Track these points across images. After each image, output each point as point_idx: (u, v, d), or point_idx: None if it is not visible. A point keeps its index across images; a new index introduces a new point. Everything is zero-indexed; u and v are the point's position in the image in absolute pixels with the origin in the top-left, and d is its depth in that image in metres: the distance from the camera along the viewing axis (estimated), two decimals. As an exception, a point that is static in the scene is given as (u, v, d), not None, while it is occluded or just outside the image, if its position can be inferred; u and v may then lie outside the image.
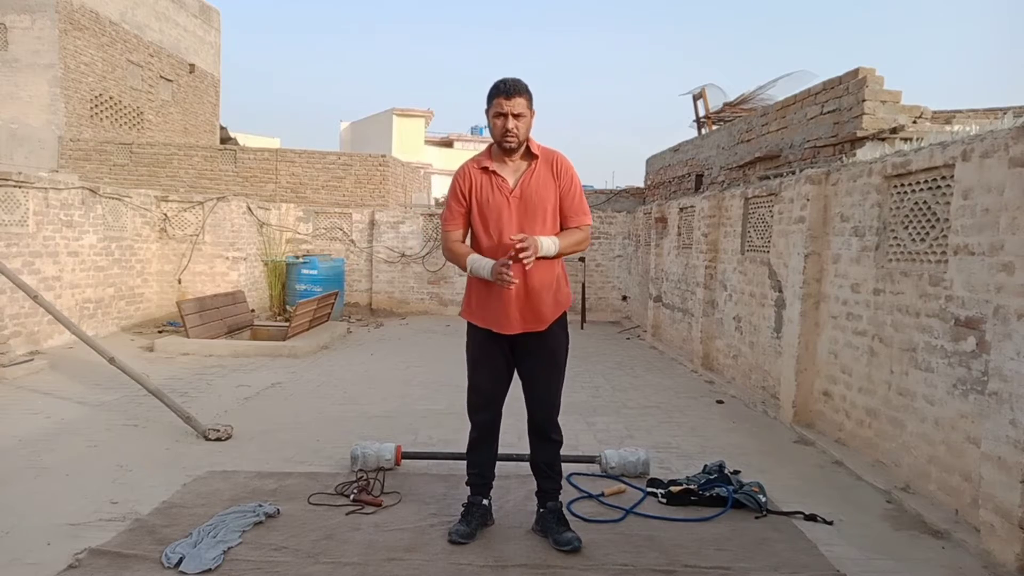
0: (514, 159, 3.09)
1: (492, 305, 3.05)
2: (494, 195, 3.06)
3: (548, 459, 3.23)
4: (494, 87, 3.00)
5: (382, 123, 31.35)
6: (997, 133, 3.34)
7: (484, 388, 3.20)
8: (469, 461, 3.31)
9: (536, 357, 3.14)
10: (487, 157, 3.12)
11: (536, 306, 3.05)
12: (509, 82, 2.99)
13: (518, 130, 2.99)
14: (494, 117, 3.00)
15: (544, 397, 3.17)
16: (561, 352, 3.19)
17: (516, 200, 3.04)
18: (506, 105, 2.95)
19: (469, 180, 3.12)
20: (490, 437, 3.28)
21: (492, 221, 3.05)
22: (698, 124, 12.50)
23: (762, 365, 6.17)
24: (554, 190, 3.08)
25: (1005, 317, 3.06)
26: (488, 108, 3.03)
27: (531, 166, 3.08)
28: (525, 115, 3.00)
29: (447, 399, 5.99)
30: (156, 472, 3.94)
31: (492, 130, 3.04)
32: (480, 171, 3.11)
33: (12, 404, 5.32)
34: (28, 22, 15.35)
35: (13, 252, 7.02)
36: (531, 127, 3.06)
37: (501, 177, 3.07)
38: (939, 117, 6.72)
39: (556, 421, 3.23)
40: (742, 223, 6.78)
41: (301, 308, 8.74)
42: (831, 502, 3.73)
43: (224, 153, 16.44)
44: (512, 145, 3.02)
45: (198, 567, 2.79)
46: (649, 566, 2.95)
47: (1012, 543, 2.93)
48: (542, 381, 3.16)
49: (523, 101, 2.99)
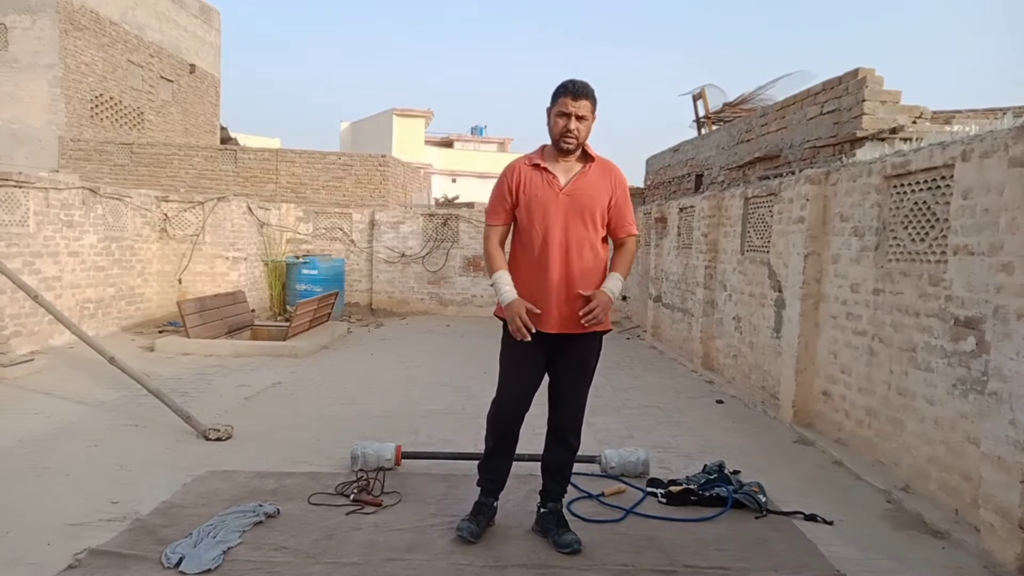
0: (569, 160, 3.06)
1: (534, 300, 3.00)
2: (543, 190, 3.03)
3: (561, 463, 3.21)
4: (562, 86, 2.99)
5: (382, 123, 31.36)
6: (997, 133, 3.34)
7: (514, 397, 3.12)
8: (484, 466, 3.26)
9: (568, 360, 3.10)
10: (539, 156, 3.10)
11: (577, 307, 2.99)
12: (578, 83, 2.98)
13: (579, 132, 2.97)
14: (557, 116, 2.98)
15: (571, 403, 3.14)
16: (593, 359, 3.15)
17: (566, 198, 3.01)
18: (572, 106, 2.94)
19: (518, 176, 3.09)
20: (509, 448, 3.22)
21: (538, 216, 3.02)
22: (698, 124, 12.50)
23: (762, 365, 6.17)
24: (606, 196, 3.06)
25: (1005, 317, 3.06)
26: (552, 106, 3.02)
27: (586, 167, 3.06)
28: (588, 118, 2.99)
29: (447, 399, 5.99)
30: (156, 472, 3.94)
31: (552, 128, 3.02)
32: (531, 168, 3.08)
33: (12, 404, 5.32)
34: (28, 22, 15.36)
35: (13, 252, 7.02)
36: (591, 131, 3.04)
37: (552, 174, 3.04)
38: (939, 117, 6.72)
39: (579, 428, 3.20)
40: (742, 223, 6.78)
41: (301, 308, 8.75)
42: (831, 502, 3.73)
43: (224, 153, 16.44)
44: (571, 146, 3.00)
45: (198, 567, 2.79)
46: (649, 566, 2.95)
47: (1012, 543, 2.93)
48: (571, 386, 3.13)
49: (588, 104, 2.98)
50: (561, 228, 2.99)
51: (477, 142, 38.88)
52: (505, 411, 3.14)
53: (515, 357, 3.10)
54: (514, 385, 3.11)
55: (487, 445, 3.23)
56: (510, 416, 3.14)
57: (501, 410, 3.15)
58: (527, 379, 3.11)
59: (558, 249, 2.98)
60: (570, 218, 3.00)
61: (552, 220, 3.00)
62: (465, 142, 38.16)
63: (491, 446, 3.21)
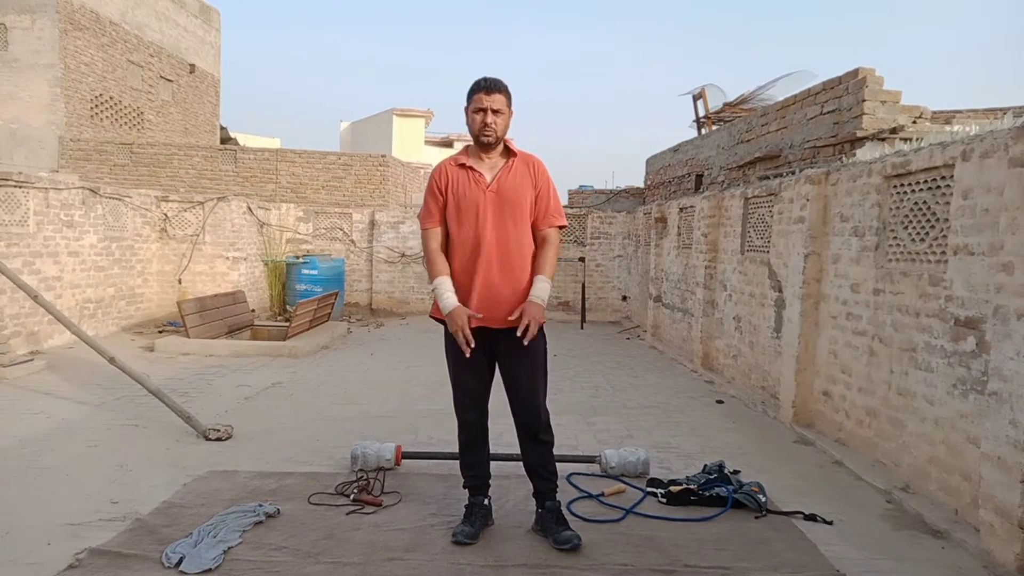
0: (491, 156, 3.13)
1: (466, 299, 3.06)
2: (471, 189, 3.09)
3: (540, 460, 3.21)
4: (475, 84, 3.08)
5: (382, 123, 31.36)
6: (997, 133, 3.34)
7: (469, 386, 3.19)
8: (463, 463, 3.30)
9: (514, 358, 3.11)
10: (464, 155, 3.17)
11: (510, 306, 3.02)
12: (490, 79, 3.07)
13: (496, 126, 3.04)
14: (473, 112, 3.06)
15: (526, 399, 3.14)
16: (539, 352, 3.15)
17: (493, 195, 3.07)
18: (486, 100, 3.02)
19: (446, 176, 3.15)
20: (481, 437, 3.28)
21: (469, 215, 3.07)
22: (698, 124, 12.50)
23: (762, 365, 6.17)
24: (530, 190, 3.12)
25: (1005, 317, 3.06)
26: (468, 104, 3.10)
27: (509, 163, 3.13)
28: (504, 112, 3.07)
29: (447, 399, 5.93)
30: (156, 472, 3.94)
31: (471, 125, 3.09)
32: (457, 167, 3.14)
33: (12, 404, 5.32)
34: (28, 22, 15.35)
35: (13, 252, 7.02)
36: (508, 125, 3.11)
37: (478, 172, 3.10)
38: (939, 117, 6.72)
39: (544, 421, 3.19)
40: (742, 223, 6.78)
41: (301, 308, 8.74)
42: (831, 502, 3.73)
43: (224, 153, 16.44)
44: (490, 140, 3.06)
45: (198, 567, 2.79)
46: (649, 566, 2.95)
47: (1012, 543, 2.93)
48: (523, 382, 3.13)
49: (502, 98, 3.06)
50: (492, 225, 3.05)
51: (477, 142, 38.80)
52: (463, 401, 3.22)
53: (457, 357, 3.11)
54: (463, 381, 3.18)
55: (460, 440, 3.28)
56: (470, 405, 3.20)
57: (460, 403, 3.23)
58: (475, 374, 3.16)
59: (490, 246, 3.03)
60: (499, 215, 3.06)
61: (482, 218, 3.05)
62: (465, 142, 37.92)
63: (464, 439, 3.27)
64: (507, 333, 3.04)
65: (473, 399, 3.21)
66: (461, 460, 3.32)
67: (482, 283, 3.04)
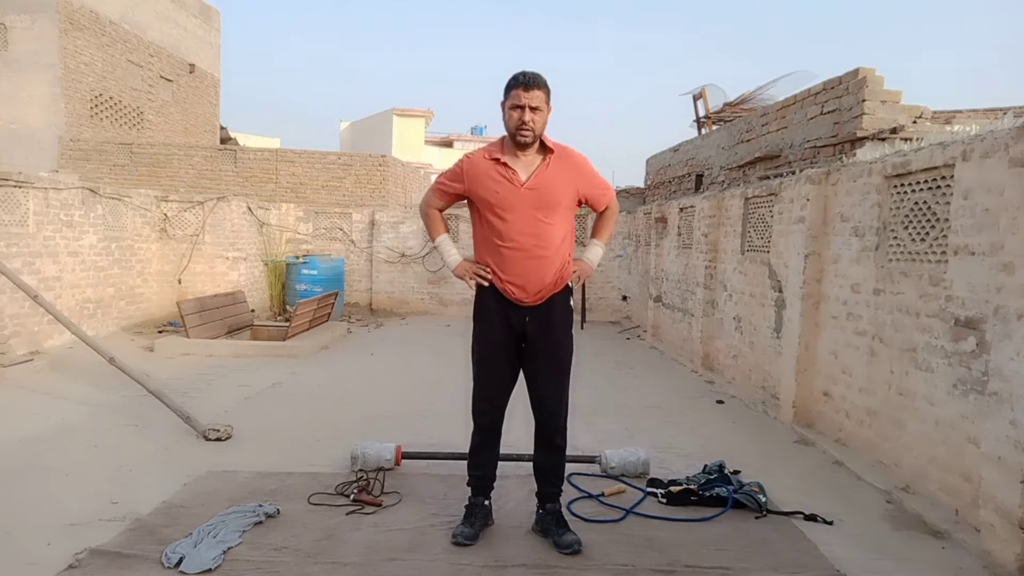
0: (527, 153, 3.02)
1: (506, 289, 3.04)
2: (504, 186, 2.99)
3: (550, 464, 3.22)
4: (513, 78, 2.94)
5: (382, 123, 31.33)
6: (997, 133, 3.34)
7: (488, 390, 3.16)
8: (471, 463, 3.28)
9: (541, 358, 3.11)
10: (499, 149, 3.05)
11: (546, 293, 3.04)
12: (529, 74, 2.92)
13: (534, 123, 2.92)
14: (511, 109, 2.94)
15: (549, 401, 3.13)
16: (566, 353, 3.15)
17: (529, 193, 2.98)
18: (524, 97, 2.89)
19: (474, 167, 3.07)
20: (493, 440, 3.25)
21: (503, 212, 2.99)
22: (698, 124, 12.51)
23: (762, 365, 6.17)
24: (570, 187, 3.05)
25: (1005, 317, 3.06)
26: (505, 99, 2.97)
27: (546, 160, 3.02)
28: (542, 109, 2.94)
29: (447, 399, 5.98)
30: (156, 472, 3.94)
31: (507, 122, 2.97)
32: (490, 161, 3.03)
33: (12, 404, 5.32)
34: (28, 22, 15.34)
35: (13, 252, 7.02)
36: (547, 122, 3.00)
37: (512, 170, 3.00)
38: (939, 117, 6.72)
39: (562, 427, 3.19)
40: (742, 223, 6.78)
41: (301, 308, 8.74)
42: (831, 502, 3.73)
43: (224, 153, 16.44)
44: (527, 139, 2.95)
45: (198, 567, 2.79)
46: (649, 566, 2.95)
47: (1012, 543, 2.93)
48: (547, 383, 3.12)
49: (541, 95, 2.93)
50: (526, 222, 2.98)
51: (477, 142, 38.83)
52: (480, 405, 3.19)
53: (488, 349, 3.13)
54: (487, 376, 3.16)
55: (472, 441, 3.26)
56: (488, 408, 3.18)
57: (478, 404, 3.20)
58: (500, 369, 3.13)
59: (523, 243, 2.98)
60: (534, 212, 2.99)
61: (516, 215, 2.98)
62: (465, 142, 38.13)
63: (477, 440, 3.25)
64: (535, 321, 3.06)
65: (492, 403, 3.17)
66: (470, 460, 3.29)
67: (515, 277, 3.00)
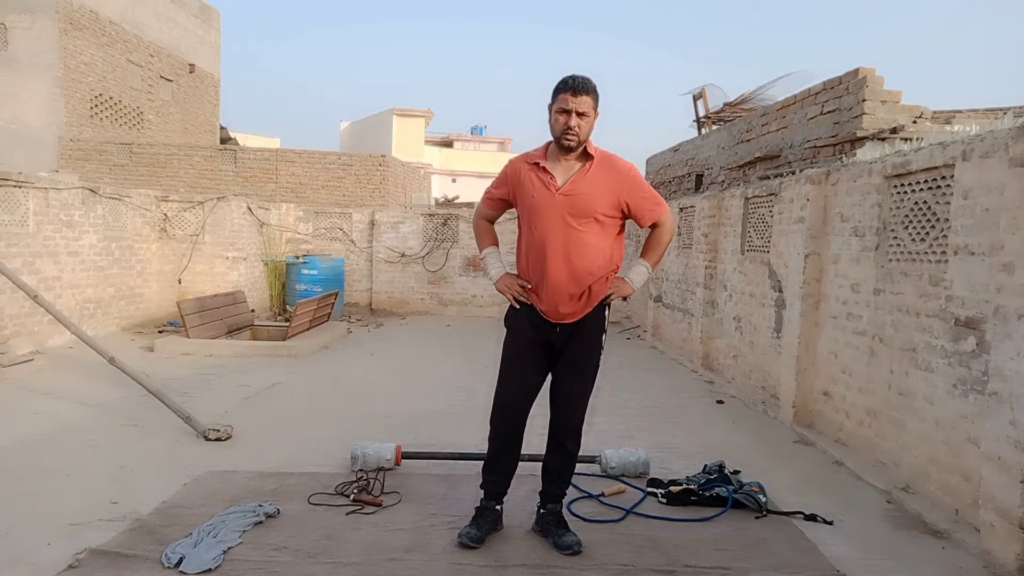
0: (569, 159, 2.99)
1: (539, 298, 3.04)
2: (540, 191, 2.97)
3: (559, 466, 3.21)
4: (562, 82, 2.91)
5: (382, 123, 31.31)
6: (997, 133, 3.34)
7: (512, 397, 3.12)
8: (488, 469, 3.24)
9: (568, 362, 3.10)
10: (542, 154, 3.04)
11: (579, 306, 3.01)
12: (579, 79, 2.89)
13: (580, 129, 2.89)
14: (557, 112, 2.91)
15: (567, 405, 3.12)
16: (593, 360, 3.13)
17: (563, 199, 2.94)
18: (572, 102, 2.86)
19: (516, 174, 3.08)
20: (513, 448, 3.21)
21: (536, 217, 2.97)
22: (698, 124, 12.50)
23: (762, 365, 6.17)
24: (610, 194, 2.96)
25: (1005, 317, 3.06)
26: (552, 103, 2.95)
27: (585, 166, 2.98)
28: (589, 115, 2.91)
29: (447, 399, 5.99)
30: (156, 472, 3.94)
31: (553, 125, 2.95)
32: (530, 167, 3.03)
33: (12, 404, 5.32)
34: (28, 22, 15.34)
35: (13, 252, 7.01)
36: (593, 128, 2.97)
37: (550, 174, 2.98)
38: (939, 117, 6.72)
39: (576, 431, 3.17)
40: (742, 223, 6.78)
41: (301, 308, 8.74)
42: (831, 502, 3.73)
43: (224, 153, 16.44)
44: (572, 144, 2.92)
45: (198, 567, 2.79)
46: (649, 566, 2.95)
47: (1012, 543, 2.93)
48: (568, 387, 3.11)
49: (590, 100, 2.90)
50: (559, 229, 2.94)
51: (477, 142, 38.85)
52: (503, 413, 3.14)
53: (516, 356, 3.11)
54: (512, 384, 3.11)
55: (490, 447, 3.21)
56: (509, 416, 3.14)
57: (499, 412, 3.16)
58: (526, 379, 3.10)
59: (557, 249, 2.94)
60: (568, 219, 2.94)
61: (549, 222, 2.95)
62: (465, 142, 38.13)
63: (494, 448, 3.20)
64: (567, 333, 3.05)
65: (514, 410, 3.13)
66: (486, 466, 3.25)
67: (549, 284, 2.96)
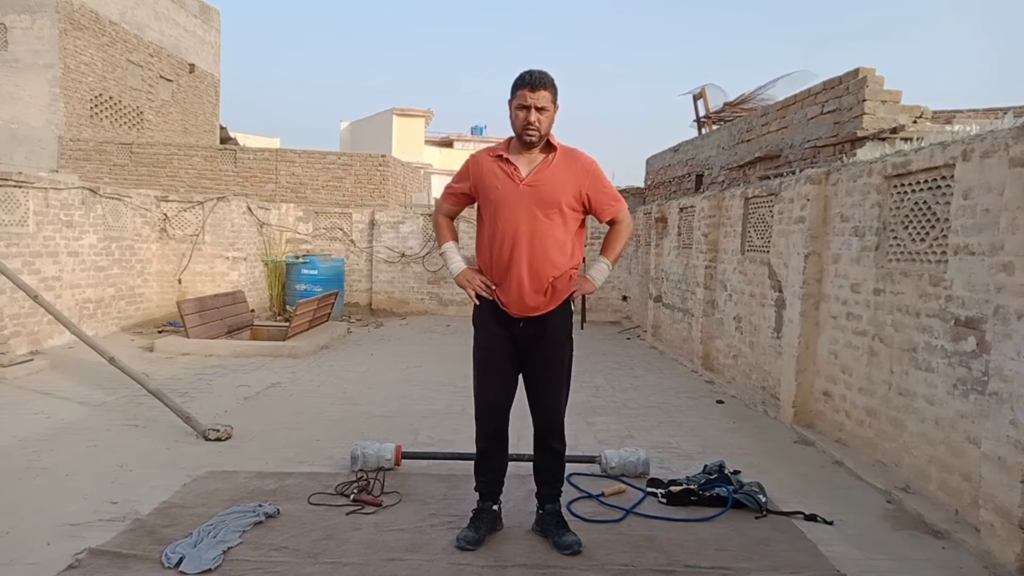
0: (532, 152, 3.02)
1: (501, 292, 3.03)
2: (504, 182, 2.98)
3: (549, 467, 3.22)
4: (519, 78, 2.92)
5: (382, 123, 31.32)
6: (997, 133, 3.34)
7: (491, 395, 3.14)
8: (478, 469, 3.25)
9: (538, 364, 3.10)
10: (504, 148, 3.06)
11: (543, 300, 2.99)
12: (535, 74, 2.90)
13: (540, 124, 2.90)
14: (516, 108, 2.92)
15: (547, 406, 3.13)
16: (565, 359, 3.14)
17: (528, 189, 2.96)
18: (530, 98, 2.88)
19: (478, 167, 3.09)
20: (499, 445, 3.23)
21: (500, 208, 2.98)
22: (698, 124, 12.50)
23: (762, 365, 6.17)
24: (572, 186, 2.99)
25: (1005, 317, 3.06)
26: (511, 99, 2.96)
27: (548, 158, 3.01)
28: (548, 109, 2.92)
29: (447, 399, 5.99)
30: (156, 472, 3.94)
31: (513, 121, 2.96)
32: (494, 159, 3.04)
33: (12, 404, 5.32)
34: (28, 22, 15.36)
35: (13, 252, 7.02)
36: (553, 122, 2.98)
37: (514, 166, 2.99)
38: (939, 117, 6.72)
39: (559, 431, 3.18)
40: (742, 223, 6.78)
41: (301, 308, 8.74)
42: (831, 502, 3.73)
43: (224, 153, 16.45)
44: (533, 139, 2.94)
45: (198, 567, 2.79)
46: (649, 566, 2.95)
47: (1012, 543, 2.93)
48: (544, 388, 3.12)
49: (548, 95, 2.91)
50: (524, 220, 2.95)
51: (477, 142, 38.79)
52: (484, 411, 3.16)
53: (488, 353, 3.11)
54: (489, 381, 3.14)
55: (478, 447, 3.23)
56: (493, 413, 3.16)
57: (481, 410, 3.17)
58: (502, 374, 3.12)
59: (521, 240, 2.95)
60: (532, 210, 2.95)
61: (514, 212, 2.96)
62: (465, 142, 38.11)
63: (483, 447, 3.22)
64: (533, 328, 3.03)
65: (494, 408, 3.15)
66: (476, 466, 3.26)
67: (514, 276, 2.97)
